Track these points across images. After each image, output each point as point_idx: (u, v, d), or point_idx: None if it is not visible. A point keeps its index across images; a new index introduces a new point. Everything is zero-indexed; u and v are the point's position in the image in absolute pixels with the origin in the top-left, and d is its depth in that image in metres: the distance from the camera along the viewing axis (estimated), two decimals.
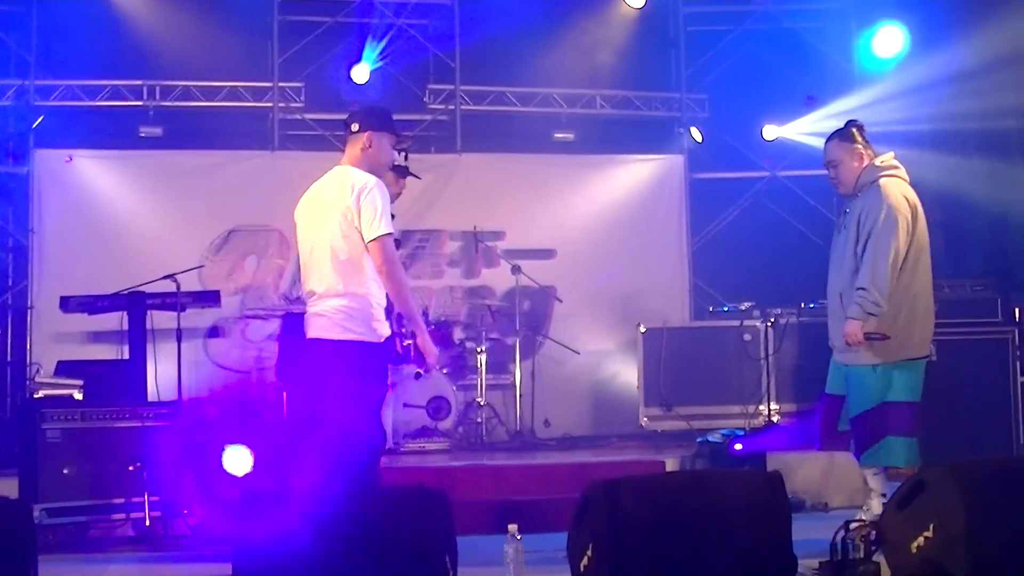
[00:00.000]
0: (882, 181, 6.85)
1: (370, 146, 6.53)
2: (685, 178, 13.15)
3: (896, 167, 6.98)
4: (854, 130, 7.06)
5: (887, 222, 6.69)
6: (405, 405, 10.63)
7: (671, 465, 9.21)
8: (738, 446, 9.02)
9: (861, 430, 6.81)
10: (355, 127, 6.58)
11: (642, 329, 10.95)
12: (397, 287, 6.22)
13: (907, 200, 6.83)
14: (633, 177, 12.98)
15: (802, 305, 10.77)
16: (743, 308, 11.14)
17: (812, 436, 9.41)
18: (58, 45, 12.17)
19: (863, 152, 6.98)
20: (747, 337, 10.89)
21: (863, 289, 6.65)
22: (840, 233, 7.00)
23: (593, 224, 12.63)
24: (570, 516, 5.19)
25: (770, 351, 10.56)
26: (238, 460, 7.81)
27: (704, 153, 13.31)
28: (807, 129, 12.71)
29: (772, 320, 10.68)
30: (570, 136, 13.38)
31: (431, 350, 6.37)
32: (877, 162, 6.94)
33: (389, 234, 6.21)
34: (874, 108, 11.67)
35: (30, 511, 5.43)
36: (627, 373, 11.72)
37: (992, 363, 9.09)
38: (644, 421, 10.99)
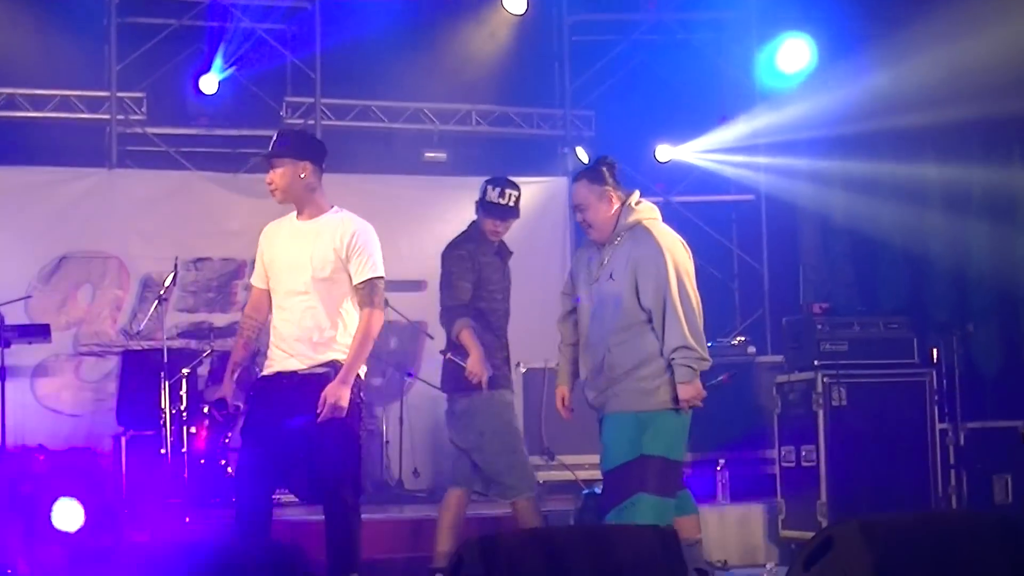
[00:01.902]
0: (647, 223, 6.95)
1: None
2: (570, 203, 13.24)
3: (653, 208, 7.13)
4: (604, 169, 7.09)
5: (678, 272, 6.78)
6: None
7: (554, 519, 9.26)
8: None
9: (610, 486, 6.83)
10: None
11: (522, 369, 10.99)
12: None
13: (682, 244, 7.00)
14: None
15: None
16: None
17: (709, 489, 9.59)
18: None
19: (613, 194, 7.01)
20: None
21: (684, 348, 6.68)
22: (599, 282, 6.93)
23: None
24: None
25: None
26: (69, 515, 7.71)
27: None
28: (704, 150, 12.91)
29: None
30: (442, 156, 13.46)
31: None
32: (632, 203, 7.02)
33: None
34: (777, 128, 11.90)
35: None
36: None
37: (908, 408, 9.08)
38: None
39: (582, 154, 13.11)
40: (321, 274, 6.68)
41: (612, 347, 6.80)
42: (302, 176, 6.81)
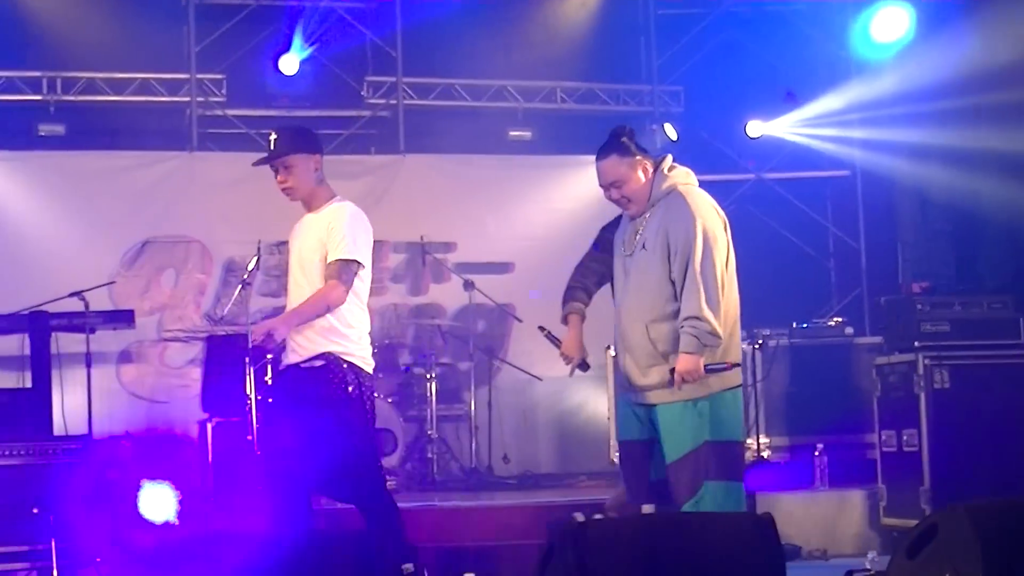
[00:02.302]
0: (682, 189, 6.71)
1: None
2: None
3: (689, 173, 6.86)
4: (625, 139, 6.82)
5: (706, 240, 6.52)
6: None
7: (647, 507, 9.24)
8: None
9: (678, 477, 6.55)
10: None
11: (612, 353, 10.92)
12: None
13: (716, 210, 6.72)
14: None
15: (794, 325, 10.77)
16: None
17: (806, 475, 9.51)
18: None
19: (644, 162, 6.76)
20: None
21: (695, 319, 6.40)
22: (632, 255, 6.68)
23: (554, 233, 12.51)
24: (532, 565, 5.21)
25: (758, 377, 10.56)
26: (157, 502, 7.80)
27: (679, 153, 13.17)
28: (797, 125, 12.81)
29: (759, 342, 10.68)
30: (527, 134, 13.45)
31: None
32: (665, 168, 6.79)
33: None
34: (872, 101, 11.78)
35: None
36: (596, 402, 11.69)
37: (1013, 390, 8.91)
38: (616, 457, 11.01)
39: (671, 131, 13.02)
40: (311, 263, 6.75)
41: (650, 324, 6.56)
42: (316, 170, 6.85)
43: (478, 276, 11.84)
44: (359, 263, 6.71)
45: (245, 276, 10.54)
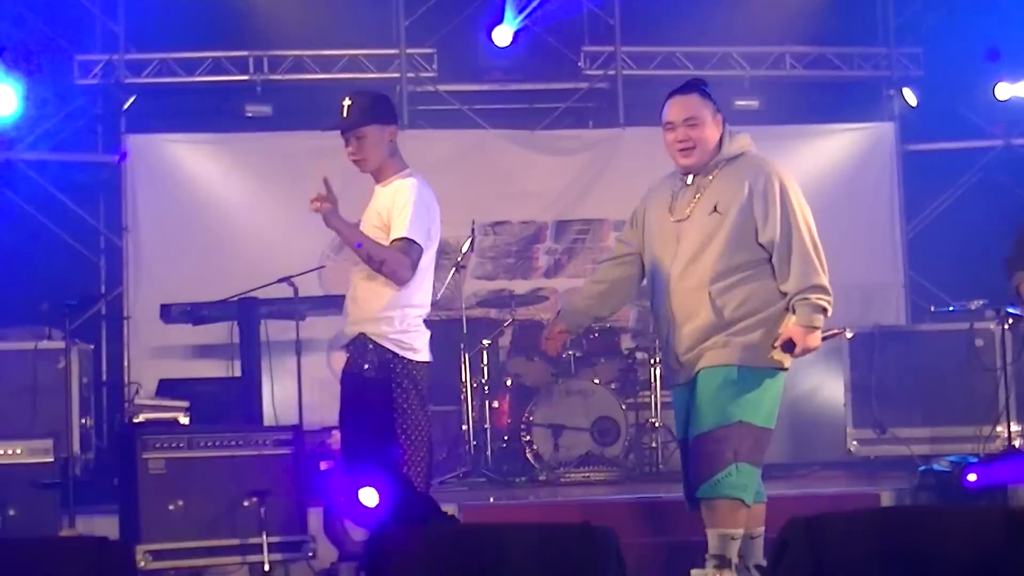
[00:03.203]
0: (758, 154, 6.65)
1: None
2: (896, 150, 13.01)
3: (751, 140, 6.75)
4: (708, 90, 6.78)
5: (803, 207, 6.42)
6: (565, 428, 10.66)
7: (887, 499, 9.11)
8: (972, 476, 8.86)
9: (707, 449, 6.35)
10: None
11: (848, 334, 10.84)
12: None
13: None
14: (832, 151, 12.88)
15: None
16: (972, 307, 10.92)
17: None
18: (150, 13, 12.42)
19: (719, 116, 6.70)
20: (979, 342, 10.70)
21: (819, 287, 6.30)
22: (691, 218, 6.46)
23: None
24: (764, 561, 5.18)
25: (1008, 359, 10.35)
26: (369, 495, 7.86)
27: (920, 119, 13.12)
28: None
29: (1010, 321, 10.43)
30: (754, 104, 13.32)
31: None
32: (732, 130, 6.70)
33: None
34: None
35: (131, 554, 5.55)
36: (831, 388, 11.58)
37: None
38: (853, 446, 10.88)
39: (910, 96, 12.79)
40: (376, 238, 6.57)
41: (716, 294, 6.35)
42: (390, 142, 6.71)
43: None
44: (416, 244, 6.47)
45: (459, 258, 10.68)
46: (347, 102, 6.72)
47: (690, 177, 6.58)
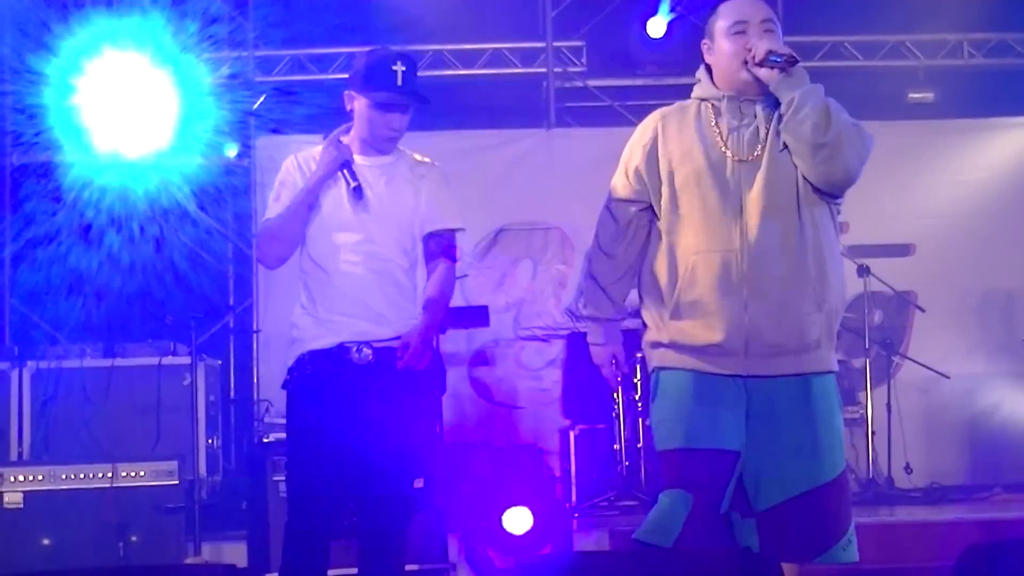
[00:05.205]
0: None
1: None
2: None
3: None
4: None
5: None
6: None
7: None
8: None
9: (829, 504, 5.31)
10: None
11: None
12: None
13: None
14: (1017, 146, 12.73)
15: None
16: None
17: None
18: (281, 8, 12.56)
19: None
20: None
21: None
22: (763, 155, 5.30)
23: (963, 209, 12.41)
24: None
25: None
26: (515, 518, 7.92)
27: None
28: None
29: None
30: (929, 96, 13.21)
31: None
32: None
33: None
34: None
35: None
36: (1014, 402, 11.50)
37: None
38: None
39: None
40: None
41: (815, 267, 5.19)
42: None
43: (873, 260, 11.68)
44: None
45: None
46: (401, 67, 6.20)
47: (749, 103, 5.44)
